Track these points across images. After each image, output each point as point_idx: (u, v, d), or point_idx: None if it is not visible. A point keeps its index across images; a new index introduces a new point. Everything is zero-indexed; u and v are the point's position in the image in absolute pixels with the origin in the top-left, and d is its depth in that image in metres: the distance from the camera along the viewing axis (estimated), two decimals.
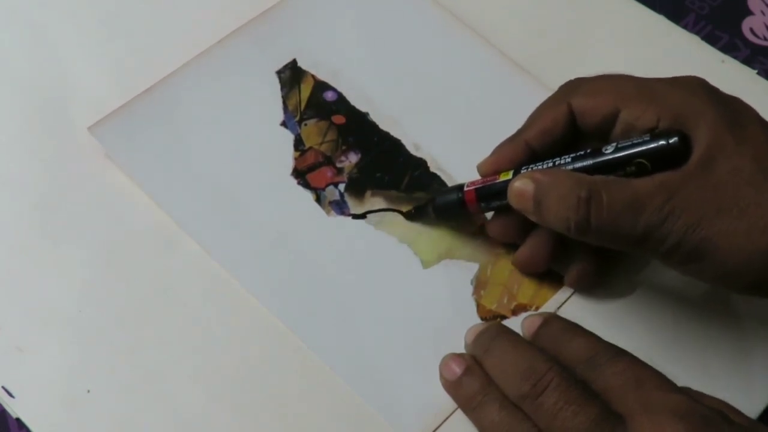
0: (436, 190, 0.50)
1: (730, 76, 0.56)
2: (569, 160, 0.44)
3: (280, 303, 0.47)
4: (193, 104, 0.53)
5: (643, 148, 0.42)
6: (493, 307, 0.48)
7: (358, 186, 0.51)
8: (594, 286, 0.48)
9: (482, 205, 0.47)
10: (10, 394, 0.44)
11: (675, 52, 0.57)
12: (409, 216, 0.50)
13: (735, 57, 0.57)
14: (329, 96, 0.55)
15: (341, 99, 0.54)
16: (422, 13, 0.58)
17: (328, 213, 0.50)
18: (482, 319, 0.47)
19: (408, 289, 0.48)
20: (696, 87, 0.43)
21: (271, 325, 0.47)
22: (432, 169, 0.52)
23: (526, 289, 0.48)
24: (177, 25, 0.57)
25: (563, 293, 0.48)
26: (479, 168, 0.47)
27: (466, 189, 0.47)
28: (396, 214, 0.50)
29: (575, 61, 0.56)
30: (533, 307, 0.48)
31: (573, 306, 0.48)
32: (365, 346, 0.46)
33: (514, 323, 0.46)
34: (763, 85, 0.56)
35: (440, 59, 0.56)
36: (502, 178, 0.46)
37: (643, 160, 0.42)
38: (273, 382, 0.45)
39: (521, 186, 0.43)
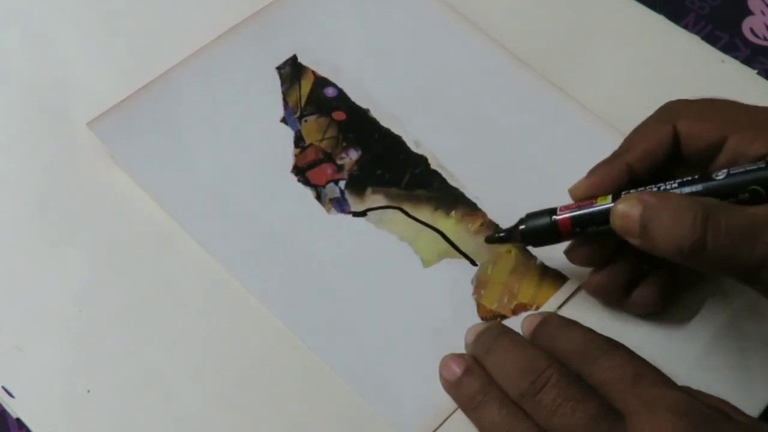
0: (524, 218, 0.47)
1: (730, 76, 0.56)
2: (676, 185, 0.42)
3: (280, 302, 0.47)
4: (193, 100, 0.53)
5: (759, 175, 0.41)
6: (494, 306, 0.48)
7: (358, 183, 0.51)
8: (659, 309, 0.47)
9: (577, 230, 0.44)
10: (10, 394, 0.44)
11: (675, 52, 0.57)
12: (490, 240, 0.48)
13: (735, 57, 0.57)
14: (330, 92, 0.54)
15: (342, 95, 0.54)
16: (423, 8, 0.57)
17: (328, 210, 0.50)
18: (482, 318, 0.47)
19: (408, 288, 0.48)
20: None
21: (271, 325, 0.47)
22: (433, 166, 0.52)
23: (527, 288, 0.48)
24: (177, 20, 0.57)
25: (563, 293, 0.48)
26: (573, 192, 0.45)
27: (560, 215, 0.45)
28: (397, 212, 0.50)
29: (576, 61, 0.56)
30: (534, 307, 0.48)
31: (573, 305, 0.48)
32: (365, 346, 0.46)
33: (515, 323, 0.46)
34: (763, 85, 0.56)
35: (441, 55, 0.56)
36: (600, 202, 0.43)
37: (758, 187, 0.40)
38: (273, 382, 0.45)
39: (626, 208, 0.41)
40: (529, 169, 0.52)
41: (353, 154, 0.52)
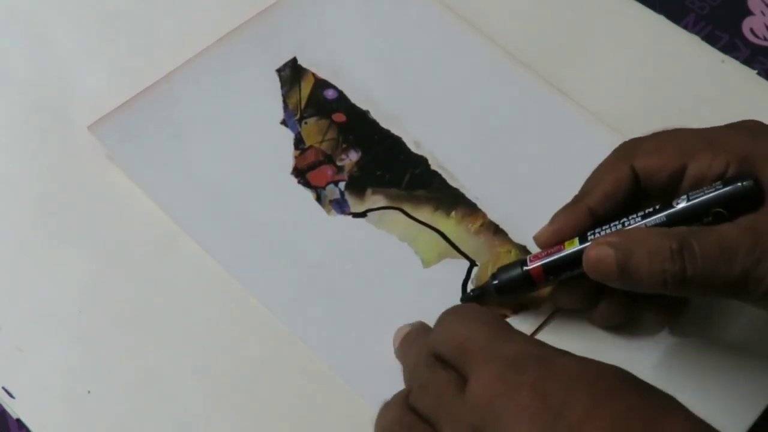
0: (495, 273, 0.47)
1: (730, 76, 0.56)
2: (638, 219, 0.43)
3: (280, 303, 0.47)
4: (193, 103, 0.53)
5: (718, 194, 0.41)
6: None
7: (358, 184, 0.51)
8: (624, 322, 0.47)
9: (551, 278, 0.45)
10: (10, 395, 0.44)
11: (675, 52, 0.57)
12: (466, 299, 0.48)
13: (735, 57, 0.57)
14: (330, 94, 0.54)
15: (342, 97, 0.54)
16: (423, 10, 0.57)
17: (328, 212, 0.50)
18: None
19: (408, 288, 0.48)
20: (758, 129, 0.43)
21: (272, 326, 0.47)
22: (433, 166, 0.52)
23: None
24: (177, 23, 0.57)
25: None
26: (538, 239, 0.46)
27: (531, 265, 0.45)
28: (397, 212, 0.50)
29: (575, 61, 0.56)
30: (534, 306, 0.48)
31: None
32: (365, 346, 0.46)
33: (515, 322, 0.46)
34: (764, 85, 0.56)
35: (441, 56, 0.56)
36: (568, 247, 0.44)
37: (721, 209, 0.41)
38: (273, 382, 0.45)
39: (598, 254, 0.42)
40: (528, 170, 0.52)
41: (353, 156, 0.52)
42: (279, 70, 0.55)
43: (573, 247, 0.44)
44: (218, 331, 0.46)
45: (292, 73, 0.55)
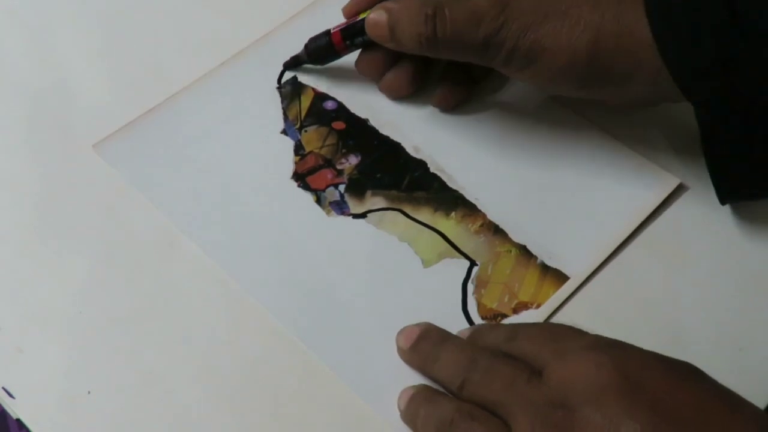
0: (307, 42, 0.54)
1: None
2: None
3: (280, 303, 0.47)
4: (197, 123, 0.54)
5: None
6: (494, 305, 0.48)
7: (358, 186, 0.51)
8: (457, 105, 0.54)
9: (347, 43, 0.53)
10: (10, 395, 0.44)
11: None
12: (286, 65, 0.55)
13: None
14: (329, 105, 0.55)
15: (341, 107, 0.55)
16: None
17: (328, 213, 0.50)
18: (483, 317, 0.47)
19: (408, 288, 0.48)
20: None
21: (271, 325, 0.47)
22: (432, 169, 0.52)
23: (527, 287, 0.48)
24: (182, 46, 0.57)
25: (564, 291, 0.48)
26: (343, 12, 0.53)
27: (332, 31, 0.53)
28: (397, 213, 0.50)
29: None
30: (534, 305, 0.47)
31: (575, 304, 0.48)
32: (365, 346, 0.46)
33: (516, 321, 0.46)
34: None
35: None
36: (362, 16, 0.51)
37: None
38: (273, 382, 0.45)
39: (376, 17, 0.50)
40: (528, 170, 0.52)
41: (353, 160, 0.53)
42: (279, 87, 0.55)
43: (364, 16, 0.51)
44: (218, 332, 0.46)
45: (292, 89, 0.55)
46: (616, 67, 0.46)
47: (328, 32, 0.53)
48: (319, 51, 0.54)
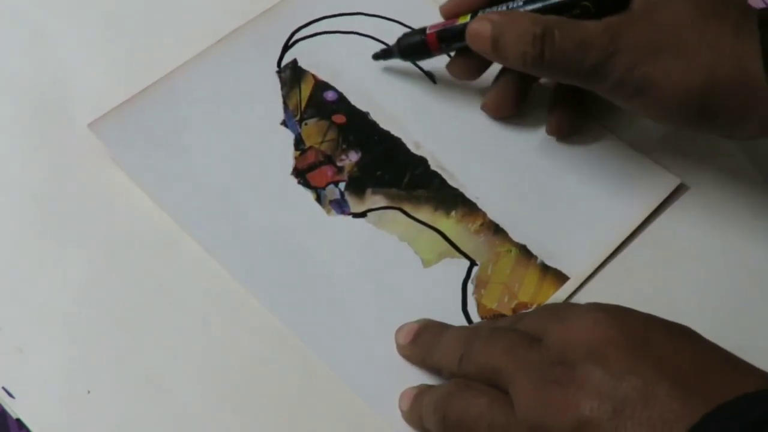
0: (401, 37, 0.53)
1: None
2: (521, 3, 0.48)
3: (280, 303, 0.47)
4: (194, 102, 0.53)
5: None
6: (494, 306, 0.48)
7: (358, 185, 0.51)
8: (573, 133, 0.52)
9: (443, 46, 0.51)
10: (10, 395, 0.44)
11: None
12: (376, 56, 0.54)
13: None
14: (330, 96, 0.54)
15: (342, 99, 0.54)
16: (422, 12, 0.57)
17: (328, 212, 0.50)
18: (483, 318, 0.47)
19: (408, 288, 0.48)
20: None
21: (271, 326, 0.47)
22: (432, 167, 0.52)
23: (527, 287, 0.48)
24: (178, 23, 0.57)
25: (564, 291, 0.48)
26: (441, 11, 0.51)
27: (428, 32, 0.51)
28: (397, 212, 0.50)
29: None
30: (534, 306, 0.48)
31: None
32: (365, 346, 0.46)
33: None
34: None
35: (441, 57, 0.56)
36: (461, 20, 0.50)
37: (587, 3, 0.46)
38: (273, 381, 0.45)
39: (478, 27, 0.48)
40: (528, 170, 0.52)
41: (353, 156, 0.52)
42: (279, 72, 0.55)
43: (464, 21, 0.50)
44: (218, 331, 0.46)
45: (292, 75, 0.55)
46: (730, 107, 0.45)
47: (423, 30, 0.52)
48: (412, 48, 0.53)
